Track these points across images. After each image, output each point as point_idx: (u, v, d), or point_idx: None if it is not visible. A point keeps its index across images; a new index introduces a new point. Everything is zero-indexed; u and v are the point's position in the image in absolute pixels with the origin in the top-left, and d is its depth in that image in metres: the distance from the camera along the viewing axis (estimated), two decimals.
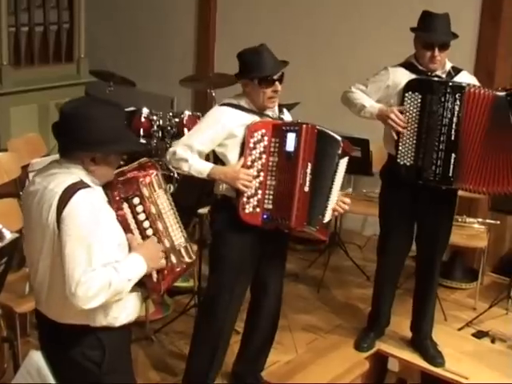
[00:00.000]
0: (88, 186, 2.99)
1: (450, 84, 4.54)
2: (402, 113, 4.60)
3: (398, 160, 4.64)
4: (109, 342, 3.11)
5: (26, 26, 7.56)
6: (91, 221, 2.93)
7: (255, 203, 4.05)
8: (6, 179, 5.71)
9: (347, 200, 4.25)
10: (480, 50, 6.05)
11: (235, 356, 4.64)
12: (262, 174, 4.05)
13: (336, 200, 4.18)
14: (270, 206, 4.05)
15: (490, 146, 4.52)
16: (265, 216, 4.06)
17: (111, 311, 3.08)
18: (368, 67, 4.99)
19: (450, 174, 4.56)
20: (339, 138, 4.13)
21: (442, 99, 4.50)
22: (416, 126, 4.59)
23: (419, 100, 4.57)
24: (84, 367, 3.09)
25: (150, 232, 3.18)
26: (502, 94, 4.51)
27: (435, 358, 5.02)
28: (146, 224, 3.17)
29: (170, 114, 6.45)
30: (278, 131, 4.05)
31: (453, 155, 4.54)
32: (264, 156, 4.04)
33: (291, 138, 4.01)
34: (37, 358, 2.34)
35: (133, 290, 3.09)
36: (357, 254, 6.53)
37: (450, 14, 4.68)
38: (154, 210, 3.18)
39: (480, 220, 5.95)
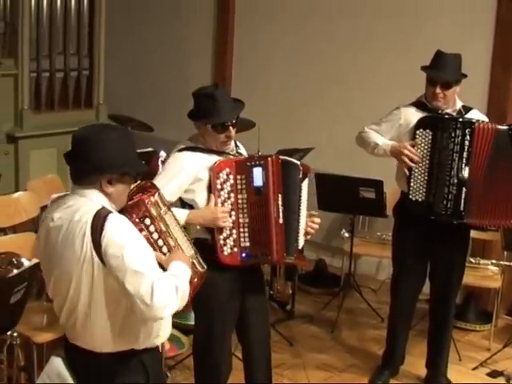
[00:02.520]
0: (111, 211, 2.98)
1: (460, 120, 4.63)
2: (413, 147, 4.68)
3: (410, 196, 4.71)
4: (151, 364, 3.12)
5: (46, 72, 7.68)
6: (133, 237, 2.96)
7: (232, 243, 4.01)
8: (25, 218, 5.78)
9: (316, 220, 4.22)
10: (492, 92, 6.16)
11: None
12: (233, 213, 4.00)
13: (305, 223, 4.18)
14: (248, 244, 4.02)
15: (495, 179, 4.61)
16: (243, 254, 4.03)
17: (154, 330, 3.09)
18: (380, 113, 5.06)
19: (462, 209, 4.63)
20: (298, 162, 4.14)
21: (453, 134, 4.59)
22: (427, 162, 4.67)
23: (430, 137, 4.65)
24: None
25: (165, 249, 3.20)
26: (505, 127, 4.61)
27: None
28: (160, 242, 3.20)
29: None
30: (243, 168, 4.00)
31: (464, 189, 4.61)
32: (232, 195, 4.00)
33: (258, 173, 3.98)
34: (57, 364, 2.37)
35: None
36: (371, 297, 6.54)
37: (462, 57, 4.78)
38: (163, 228, 3.21)
39: (494, 262, 5.97)
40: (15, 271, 3.92)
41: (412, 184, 4.70)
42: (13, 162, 7.54)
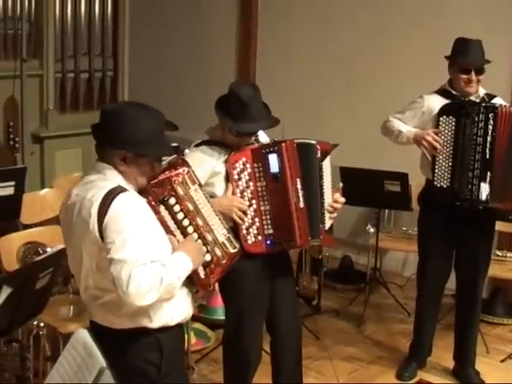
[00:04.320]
0: (126, 190, 2.97)
1: (483, 105, 4.63)
2: (437, 135, 4.67)
3: (435, 183, 4.70)
4: (166, 342, 3.09)
5: (71, 73, 7.76)
6: (134, 221, 2.92)
7: (255, 232, 3.99)
8: (51, 215, 5.79)
9: (341, 199, 4.17)
10: None
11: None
12: (254, 201, 3.98)
13: (330, 202, 4.14)
14: (271, 231, 3.99)
15: None
16: (268, 242, 4.00)
17: (167, 311, 3.07)
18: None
19: (487, 193, 4.61)
20: (314, 142, 4.08)
21: (476, 119, 4.58)
22: (451, 148, 4.66)
23: (453, 123, 4.65)
24: (143, 371, 3.08)
25: (190, 229, 3.16)
26: None
27: None
28: (186, 222, 3.16)
29: None
30: (259, 155, 3.97)
31: (488, 173, 4.60)
32: (251, 183, 3.98)
33: (273, 160, 3.94)
34: (83, 335, 2.37)
35: (183, 287, 3.11)
36: (397, 293, 6.50)
37: (486, 50, 4.77)
38: (191, 207, 3.17)
39: None
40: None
41: (436, 170, 4.68)
42: (38, 162, 7.59)
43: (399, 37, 6.84)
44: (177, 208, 3.14)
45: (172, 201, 3.13)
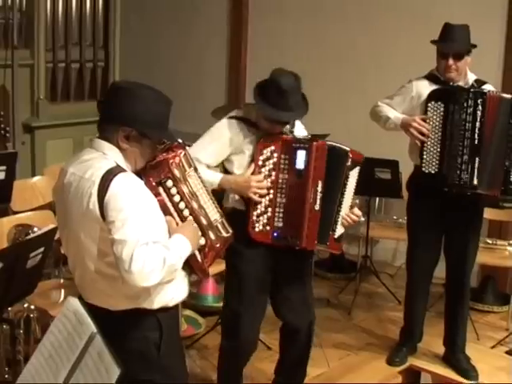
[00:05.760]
0: (124, 170, 2.92)
1: (472, 90, 4.62)
2: (424, 121, 4.67)
3: (423, 169, 4.70)
4: (165, 322, 3.08)
5: (62, 63, 7.77)
6: (134, 201, 2.87)
7: (265, 221, 3.95)
8: (42, 202, 5.79)
9: (356, 212, 4.10)
10: (506, 76, 6.15)
11: (275, 368, 4.56)
12: (271, 191, 3.94)
13: (346, 212, 4.08)
14: (281, 224, 3.95)
15: (501, 148, 4.61)
16: (275, 234, 3.96)
17: (168, 292, 3.05)
18: None
19: (475, 178, 4.61)
20: (347, 149, 4.01)
21: (464, 105, 4.58)
22: (440, 134, 4.66)
23: (442, 109, 4.65)
24: (143, 351, 3.05)
25: (186, 213, 3.13)
26: (509, 96, 4.60)
27: (468, 371, 4.98)
28: (182, 205, 3.12)
29: None
30: (288, 148, 3.91)
31: (477, 159, 4.59)
32: (273, 173, 3.93)
33: (301, 156, 3.89)
34: (74, 303, 2.37)
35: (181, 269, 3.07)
36: (388, 282, 6.51)
37: (476, 41, 4.77)
38: (187, 190, 3.13)
39: (511, 242, 5.95)
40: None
41: (425, 156, 4.68)
42: (29, 152, 7.58)
43: (390, 30, 6.85)
44: (173, 191, 3.11)
45: (169, 183, 3.10)
